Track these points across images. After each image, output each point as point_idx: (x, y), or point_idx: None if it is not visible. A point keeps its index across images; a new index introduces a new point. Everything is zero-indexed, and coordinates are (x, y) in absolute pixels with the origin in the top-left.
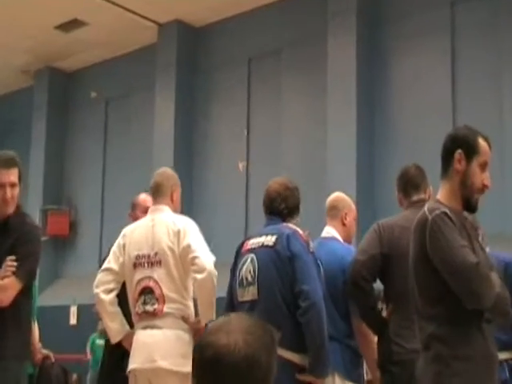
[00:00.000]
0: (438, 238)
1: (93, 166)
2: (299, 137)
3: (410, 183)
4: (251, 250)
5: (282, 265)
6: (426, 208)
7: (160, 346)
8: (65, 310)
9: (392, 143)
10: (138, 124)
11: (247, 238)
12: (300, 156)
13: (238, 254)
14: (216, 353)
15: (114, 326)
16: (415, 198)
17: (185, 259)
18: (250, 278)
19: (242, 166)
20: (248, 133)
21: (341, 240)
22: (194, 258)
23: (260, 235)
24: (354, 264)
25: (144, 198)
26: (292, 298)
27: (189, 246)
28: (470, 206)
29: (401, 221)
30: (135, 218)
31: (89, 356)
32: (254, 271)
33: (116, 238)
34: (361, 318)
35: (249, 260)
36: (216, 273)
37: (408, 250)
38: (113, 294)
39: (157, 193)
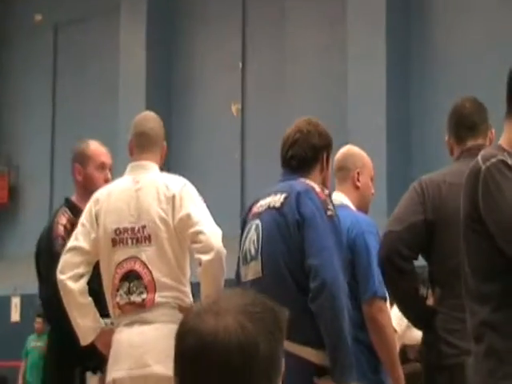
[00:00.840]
0: (493, 193)
1: (38, 115)
2: (310, 72)
3: (464, 123)
4: (257, 215)
5: (289, 232)
6: (480, 155)
7: (153, 346)
8: (4, 302)
9: (433, 79)
10: (98, 58)
11: (256, 200)
12: (311, 97)
13: (245, 222)
14: (200, 340)
15: (86, 322)
16: (470, 143)
17: (182, 234)
18: (253, 251)
19: (235, 109)
20: (243, 66)
21: (353, 208)
22: (197, 233)
23: (269, 194)
24: (386, 237)
25: (98, 148)
26: (305, 276)
27: (189, 217)
28: None
29: (450, 175)
30: (87, 179)
31: (23, 364)
32: (258, 241)
33: None
34: (399, 309)
35: (253, 228)
36: (225, 252)
37: (459, 214)
38: (83, 281)
39: (145, 145)
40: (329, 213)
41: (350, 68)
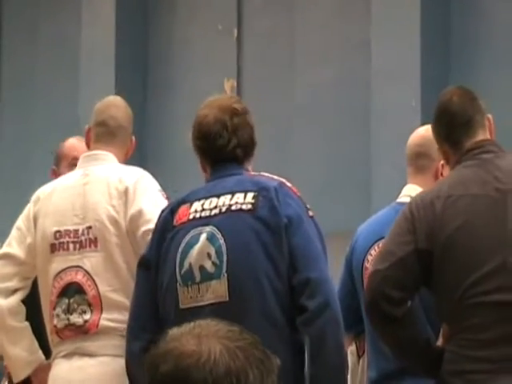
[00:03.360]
0: None
1: None
2: (323, 40)
3: (457, 122)
4: (203, 221)
5: (274, 242)
6: None
7: None
8: None
9: (478, 54)
10: (53, 18)
11: (181, 202)
12: (324, 71)
13: (166, 231)
14: (180, 365)
15: (18, 352)
16: (469, 143)
17: (135, 236)
18: (209, 267)
19: (229, 86)
20: (239, 33)
21: None
22: (148, 232)
23: (217, 194)
24: (370, 278)
25: (72, 144)
26: (290, 298)
27: (140, 214)
28: None
29: (448, 187)
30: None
31: None
32: (219, 254)
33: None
34: (404, 362)
35: (204, 237)
36: None
37: (464, 231)
38: (15, 298)
39: (102, 136)
40: (310, 213)
41: (373, 34)
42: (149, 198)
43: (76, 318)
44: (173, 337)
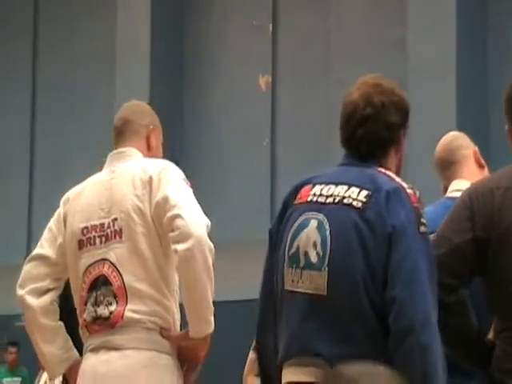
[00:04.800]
0: None
1: (19, 93)
2: (358, 37)
3: None
4: (316, 206)
5: (375, 247)
6: None
7: (119, 382)
8: None
9: None
10: (89, 15)
11: (305, 183)
12: (359, 68)
13: (288, 207)
14: None
15: (52, 350)
16: None
17: (161, 224)
18: (314, 257)
19: (264, 82)
20: (274, 29)
21: None
22: (174, 217)
23: (336, 182)
24: None
25: None
26: (383, 310)
27: (166, 200)
28: None
29: (509, 177)
30: None
31: None
32: (323, 245)
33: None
34: (451, 353)
35: (313, 224)
36: (211, 245)
37: None
38: (48, 298)
39: (122, 134)
40: (422, 228)
41: (409, 33)
42: (174, 186)
43: (102, 310)
44: (349, 380)
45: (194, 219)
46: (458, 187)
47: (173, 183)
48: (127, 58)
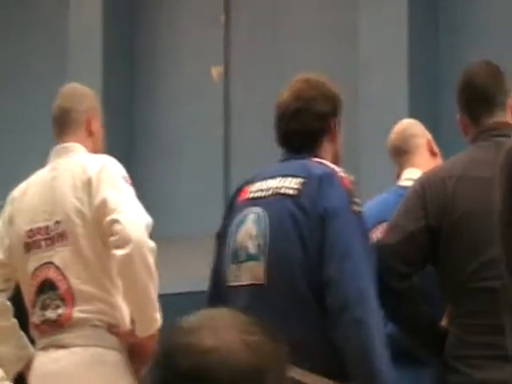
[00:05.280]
0: None
1: None
2: (311, 25)
3: (478, 97)
4: (255, 201)
5: (309, 230)
6: None
7: (68, 379)
8: None
9: (469, 27)
10: (41, 6)
11: (247, 182)
12: (312, 57)
13: (232, 208)
14: (199, 362)
15: (7, 349)
16: (488, 121)
17: (101, 225)
18: (252, 248)
19: (216, 72)
20: (226, 19)
21: None
22: (112, 222)
23: (272, 176)
24: (379, 251)
25: None
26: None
27: (104, 204)
28: None
29: (460, 167)
30: None
31: None
32: (262, 236)
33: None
34: (405, 338)
35: (251, 218)
36: (152, 245)
37: (473, 214)
38: (0, 299)
39: (61, 125)
40: (354, 207)
41: (360, 21)
42: (113, 187)
43: (50, 314)
44: (189, 330)
45: (133, 222)
46: (410, 176)
47: (112, 184)
48: (78, 47)
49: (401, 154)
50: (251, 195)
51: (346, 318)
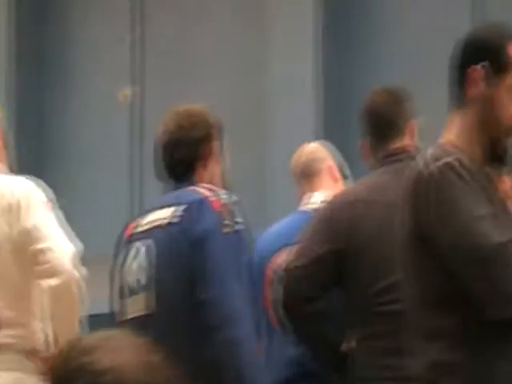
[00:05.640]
0: (444, 202)
1: None
2: (220, 50)
3: (379, 122)
4: (141, 236)
5: (186, 256)
6: (422, 157)
7: None
8: None
9: (374, 53)
10: None
11: (134, 219)
12: (221, 81)
13: (120, 245)
14: (97, 379)
15: None
16: (389, 146)
17: (26, 251)
18: (141, 281)
19: (123, 95)
20: (134, 40)
21: None
22: (42, 251)
23: (153, 210)
24: (285, 275)
25: None
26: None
27: (32, 230)
28: (494, 154)
29: (364, 191)
30: None
31: None
32: (147, 268)
33: None
34: (311, 355)
35: (136, 252)
36: (83, 274)
37: (378, 237)
38: None
39: None
40: (226, 229)
41: (269, 46)
42: (40, 213)
43: None
44: (85, 350)
45: (64, 252)
46: (313, 199)
47: (39, 210)
48: None
49: (304, 176)
50: (136, 230)
51: (220, 338)
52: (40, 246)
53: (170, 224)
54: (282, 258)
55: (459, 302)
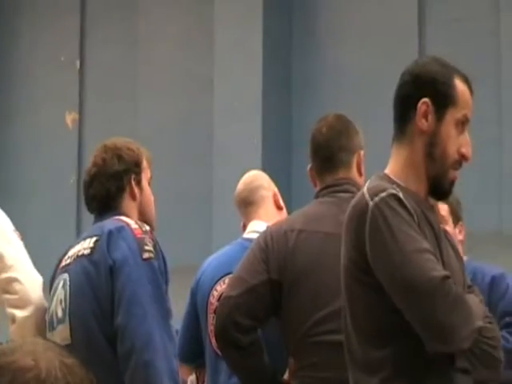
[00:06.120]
0: (384, 236)
1: None
2: (168, 71)
3: (320, 154)
4: (64, 268)
5: (100, 284)
6: (365, 189)
7: None
8: None
9: (321, 85)
10: None
11: (66, 251)
12: (168, 105)
13: (53, 278)
14: (19, 379)
15: None
16: (329, 178)
17: None
18: (60, 313)
19: (71, 119)
20: (81, 65)
21: None
22: (11, 280)
23: (78, 242)
24: (222, 304)
25: None
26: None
27: (1, 259)
28: (439, 188)
29: (302, 221)
30: None
31: None
32: (66, 299)
33: None
34: None
35: (60, 284)
36: (46, 306)
37: (317, 266)
38: None
39: None
40: (145, 255)
41: (216, 70)
42: (7, 242)
43: None
44: (5, 351)
45: (32, 283)
46: (255, 228)
47: (6, 238)
48: None
49: (246, 205)
50: (63, 263)
51: (133, 361)
52: (8, 275)
53: (82, 256)
54: (222, 287)
55: (400, 333)
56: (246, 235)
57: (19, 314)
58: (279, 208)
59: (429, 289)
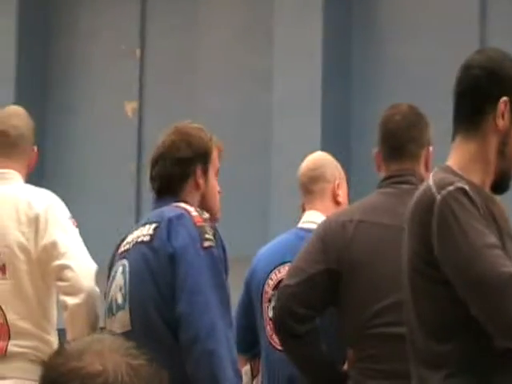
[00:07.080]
0: (452, 230)
1: None
2: (226, 64)
3: (389, 142)
4: (124, 254)
5: (161, 271)
6: (430, 181)
7: None
8: None
9: (380, 80)
10: None
11: (124, 236)
12: (227, 97)
13: (112, 264)
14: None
15: None
16: (394, 167)
17: (46, 267)
18: (120, 299)
19: (131, 108)
20: (142, 54)
21: None
22: (64, 267)
23: (137, 228)
24: (280, 293)
25: None
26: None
27: (54, 246)
28: (504, 183)
29: (361, 211)
30: None
31: None
32: (125, 286)
33: None
34: (303, 377)
35: (119, 270)
36: (98, 293)
37: (376, 257)
38: None
39: (5, 148)
40: (206, 244)
41: (275, 64)
42: (62, 229)
43: None
44: (73, 354)
45: (85, 270)
46: (311, 219)
47: (60, 226)
48: None
49: (306, 191)
50: (122, 249)
51: (197, 349)
52: (61, 262)
53: (142, 242)
54: (278, 276)
55: (464, 328)
56: (301, 225)
57: (70, 301)
58: (337, 203)
59: (499, 284)
